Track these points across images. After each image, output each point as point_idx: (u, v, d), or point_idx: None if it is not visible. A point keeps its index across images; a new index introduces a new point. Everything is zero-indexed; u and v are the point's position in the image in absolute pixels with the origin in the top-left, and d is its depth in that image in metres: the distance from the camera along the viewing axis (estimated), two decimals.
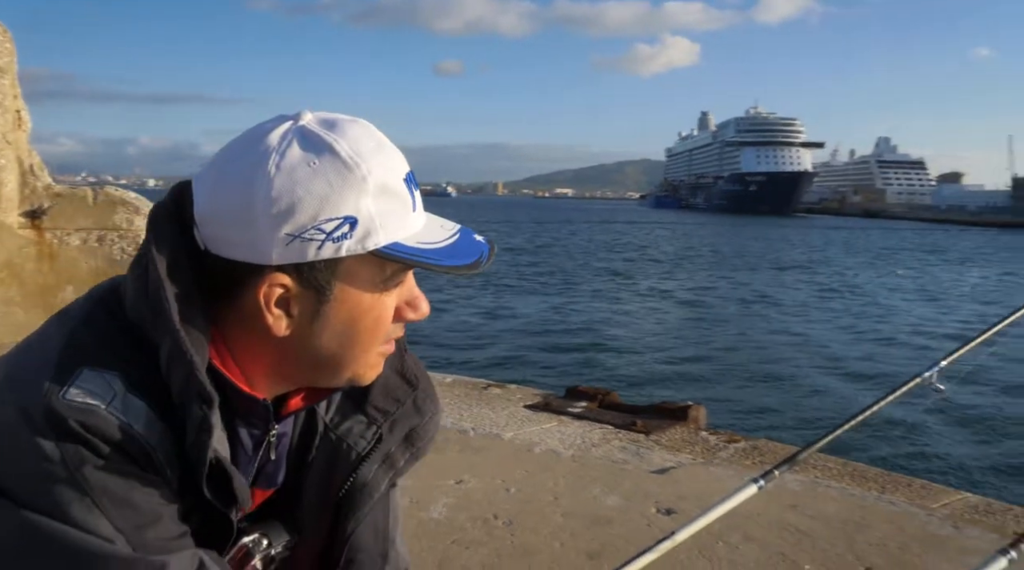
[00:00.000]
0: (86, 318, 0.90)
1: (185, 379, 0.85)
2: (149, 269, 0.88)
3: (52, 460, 0.80)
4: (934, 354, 2.21)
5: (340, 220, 0.86)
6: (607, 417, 5.13)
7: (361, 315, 0.93)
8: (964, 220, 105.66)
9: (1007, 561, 1.45)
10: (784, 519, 3.34)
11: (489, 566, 2.83)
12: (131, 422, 0.83)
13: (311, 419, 1.06)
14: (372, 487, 1.06)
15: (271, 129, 0.88)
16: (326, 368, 0.95)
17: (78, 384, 0.83)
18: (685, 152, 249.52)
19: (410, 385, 1.10)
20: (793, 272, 32.86)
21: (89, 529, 0.81)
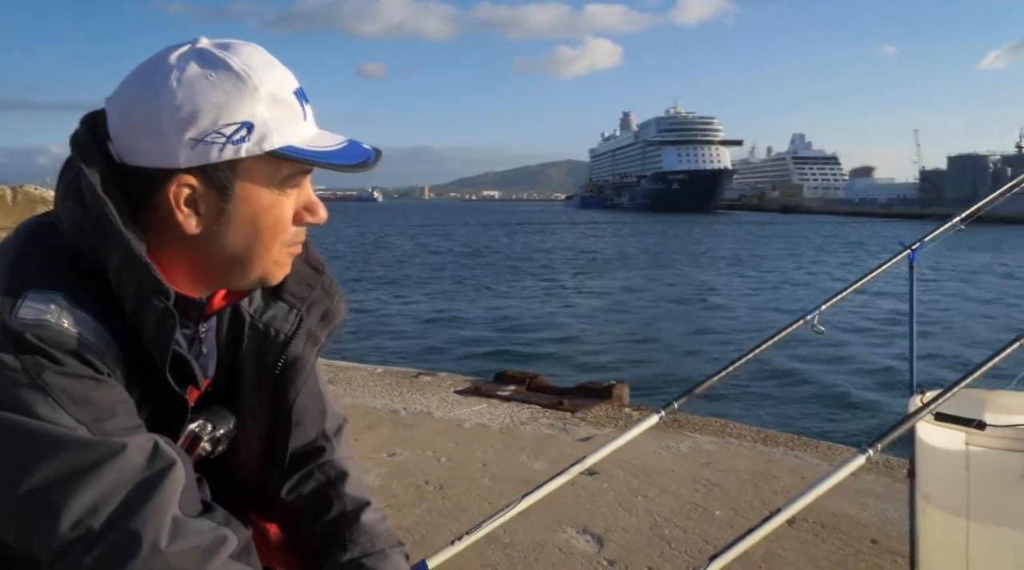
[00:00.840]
0: (20, 250, 0.99)
1: (139, 281, 0.96)
2: (84, 190, 0.97)
3: (14, 369, 0.90)
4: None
5: (238, 125, 0.97)
6: (535, 398, 5.31)
7: (262, 213, 1.03)
8: (876, 212, 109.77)
9: (865, 459, 1.66)
10: (698, 474, 3.58)
11: (422, 524, 2.98)
12: (79, 331, 0.94)
13: (237, 313, 1.19)
14: (303, 361, 1.20)
15: (171, 51, 0.99)
16: (236, 266, 1.06)
17: (26, 305, 0.92)
18: (608, 152, 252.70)
19: (317, 272, 1.24)
20: (713, 265, 33.79)
21: (54, 422, 0.90)
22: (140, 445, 0.94)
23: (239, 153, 0.98)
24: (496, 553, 2.76)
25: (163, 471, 0.94)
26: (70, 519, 0.88)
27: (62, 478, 0.89)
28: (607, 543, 2.86)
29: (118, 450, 0.92)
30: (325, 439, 1.32)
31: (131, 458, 0.93)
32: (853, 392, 10.28)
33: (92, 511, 0.89)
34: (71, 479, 0.89)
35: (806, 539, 2.88)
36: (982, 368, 1.81)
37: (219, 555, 0.95)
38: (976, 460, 2.18)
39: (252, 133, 0.98)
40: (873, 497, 3.26)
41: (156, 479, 0.93)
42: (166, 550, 0.90)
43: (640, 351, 14.14)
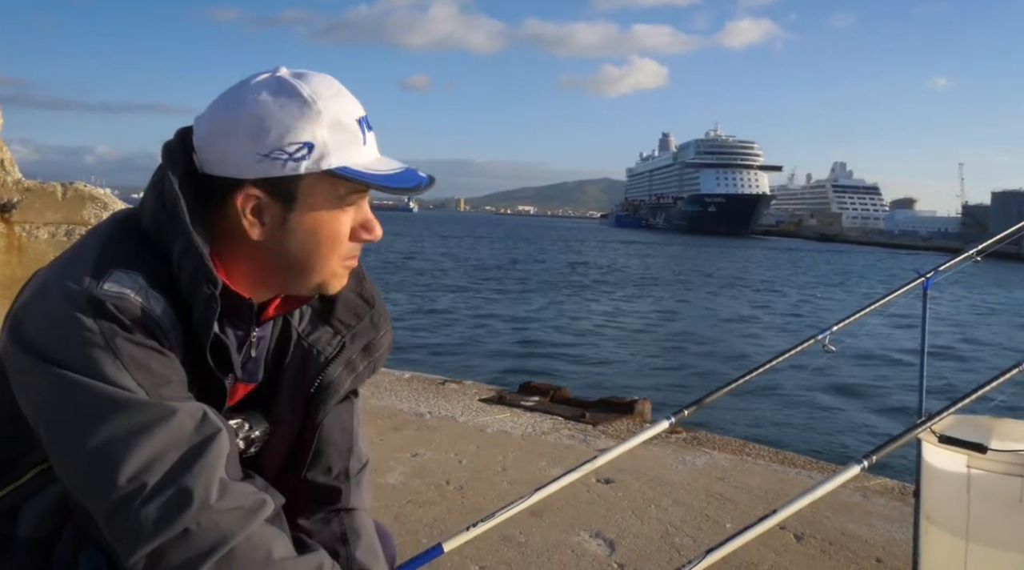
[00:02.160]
0: (112, 233, 1.14)
1: (195, 268, 1.09)
2: (165, 186, 1.12)
3: (92, 331, 1.02)
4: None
5: (300, 145, 1.10)
6: (557, 410, 5.40)
7: (320, 226, 1.15)
8: (915, 245, 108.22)
9: (859, 469, 1.75)
10: (711, 488, 3.66)
11: (441, 520, 3.10)
12: (152, 308, 1.08)
13: (287, 329, 1.31)
14: (337, 385, 1.30)
15: (254, 77, 1.14)
16: (295, 273, 1.18)
17: (112, 279, 1.06)
18: (646, 173, 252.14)
19: (368, 304, 1.35)
20: (744, 290, 33.60)
21: (117, 383, 1.01)
22: (191, 411, 1.06)
23: (299, 169, 1.10)
24: (511, 551, 2.87)
25: (212, 436, 1.05)
26: (127, 474, 0.98)
27: (121, 436, 1.00)
28: (619, 548, 2.96)
29: (172, 413, 1.04)
30: (346, 479, 1.38)
31: (183, 421, 1.04)
32: (867, 416, 10.35)
33: (147, 467, 0.99)
34: (129, 437, 1.00)
35: (813, 555, 2.95)
36: (981, 390, 1.90)
37: (259, 516, 1.06)
38: (977, 482, 2.25)
39: (312, 153, 1.10)
40: (882, 519, 3.32)
41: (206, 442, 1.04)
42: (214, 506, 1.01)
43: (665, 370, 14.20)
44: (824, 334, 2.41)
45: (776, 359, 2.34)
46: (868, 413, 10.75)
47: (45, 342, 1.03)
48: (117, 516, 1.00)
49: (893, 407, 10.94)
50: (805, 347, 2.39)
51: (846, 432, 9.59)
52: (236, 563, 1.01)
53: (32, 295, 1.09)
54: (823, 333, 2.41)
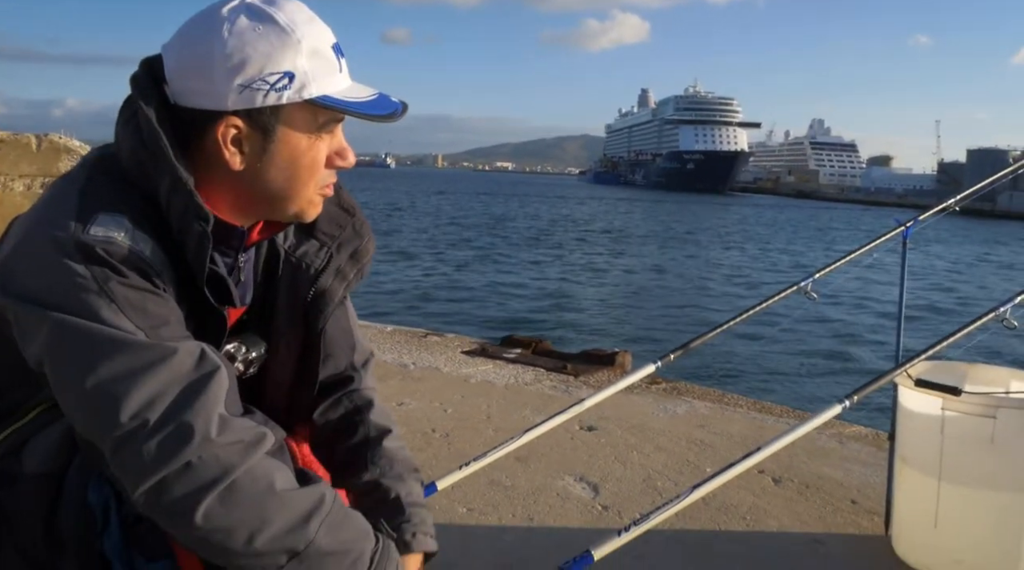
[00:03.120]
0: (90, 176, 1.14)
1: (185, 204, 1.10)
2: (141, 122, 1.10)
3: (84, 277, 1.03)
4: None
5: (281, 74, 1.10)
6: (539, 362, 5.45)
7: (300, 155, 1.16)
8: (891, 202, 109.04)
9: (841, 408, 1.81)
10: (692, 435, 3.74)
11: (428, 466, 3.15)
12: (141, 249, 1.08)
13: (272, 248, 1.33)
14: (331, 293, 1.34)
15: (222, 4, 1.12)
16: (274, 201, 1.20)
17: (97, 223, 1.06)
18: (625, 129, 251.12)
19: (349, 214, 1.37)
20: (721, 246, 33.84)
21: (116, 326, 1.03)
22: (190, 350, 1.07)
23: (281, 99, 1.11)
24: (497, 494, 2.94)
25: (211, 373, 1.07)
26: (129, 411, 1.01)
27: (123, 375, 1.02)
28: (602, 491, 3.03)
29: (172, 352, 1.05)
30: (353, 370, 1.45)
31: (183, 360, 1.06)
32: (846, 363, 10.59)
33: (149, 405, 1.01)
34: (131, 376, 1.02)
35: (790, 497, 3.04)
36: (956, 335, 1.96)
37: (259, 450, 1.08)
38: (951, 424, 2.33)
39: (293, 82, 1.11)
40: (857, 463, 3.42)
41: (205, 379, 1.06)
42: (215, 440, 1.03)
43: (645, 322, 14.35)
44: (806, 281, 2.46)
45: (760, 305, 2.40)
46: (848, 360, 10.99)
47: (39, 290, 1.04)
48: (121, 452, 1.02)
49: (872, 354, 11.18)
50: (788, 294, 2.45)
51: (827, 378, 9.79)
52: (238, 495, 1.03)
53: (17, 244, 1.09)
54: (805, 280, 2.46)
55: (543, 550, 2.54)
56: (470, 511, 2.80)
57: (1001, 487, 2.34)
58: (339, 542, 1.10)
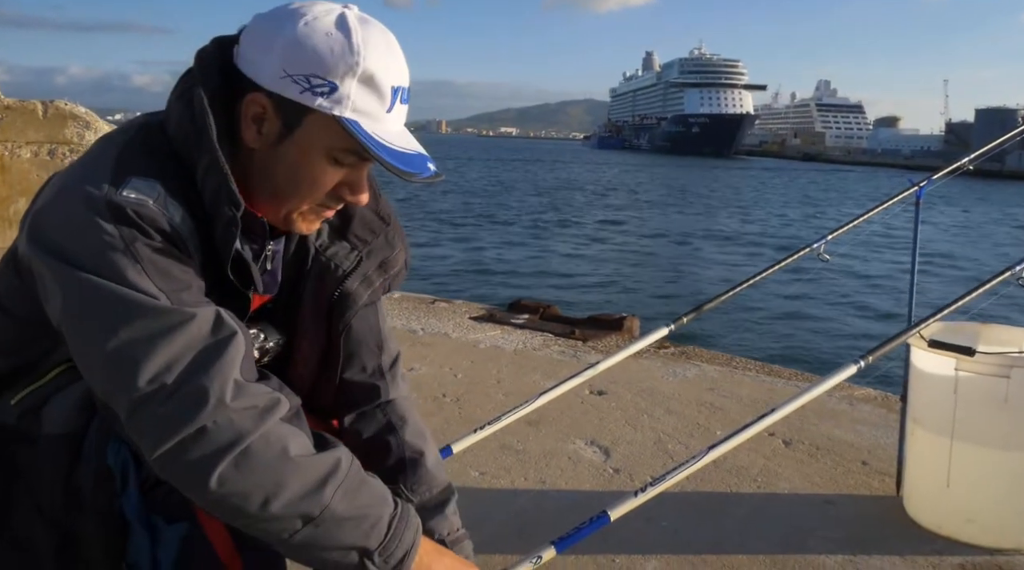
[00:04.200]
0: (130, 142, 1.14)
1: (218, 186, 1.11)
2: (195, 100, 1.12)
3: (113, 236, 1.04)
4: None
5: (324, 82, 1.10)
6: (547, 327, 5.45)
7: (306, 164, 1.16)
8: (898, 163, 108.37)
9: (856, 368, 1.80)
10: (702, 398, 3.75)
11: (440, 431, 3.16)
12: (172, 215, 1.09)
13: (304, 243, 1.33)
14: (355, 297, 1.34)
15: (323, 4, 1.14)
16: (271, 196, 1.19)
17: (131, 186, 1.07)
18: (629, 93, 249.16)
19: (384, 222, 1.38)
20: (728, 209, 33.71)
21: (139, 288, 1.04)
22: (208, 316, 1.08)
23: (313, 103, 1.11)
24: (509, 458, 2.95)
25: (227, 338, 1.07)
26: (146, 375, 1.01)
27: (141, 339, 1.03)
28: (613, 454, 3.05)
29: (191, 317, 1.06)
30: (380, 375, 1.44)
31: (200, 325, 1.06)
32: (859, 324, 10.55)
33: (166, 369, 1.02)
34: (149, 340, 1.03)
35: (801, 459, 3.05)
36: (972, 293, 1.94)
37: (274, 415, 1.08)
38: (964, 385, 2.33)
39: (332, 94, 1.11)
40: (868, 425, 3.42)
41: (221, 344, 1.07)
42: (230, 405, 1.03)
43: (652, 287, 14.35)
44: (819, 243, 2.44)
45: (773, 267, 2.38)
46: (860, 321, 10.95)
47: (66, 246, 1.05)
48: (137, 415, 1.02)
49: (885, 317, 11.15)
50: (801, 255, 2.43)
51: (839, 340, 9.77)
52: (252, 460, 1.03)
53: (51, 199, 1.10)
54: (818, 242, 2.45)
55: (556, 512, 2.56)
56: (483, 475, 2.82)
57: (1014, 447, 2.35)
58: (355, 507, 1.10)
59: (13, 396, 1.20)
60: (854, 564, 2.28)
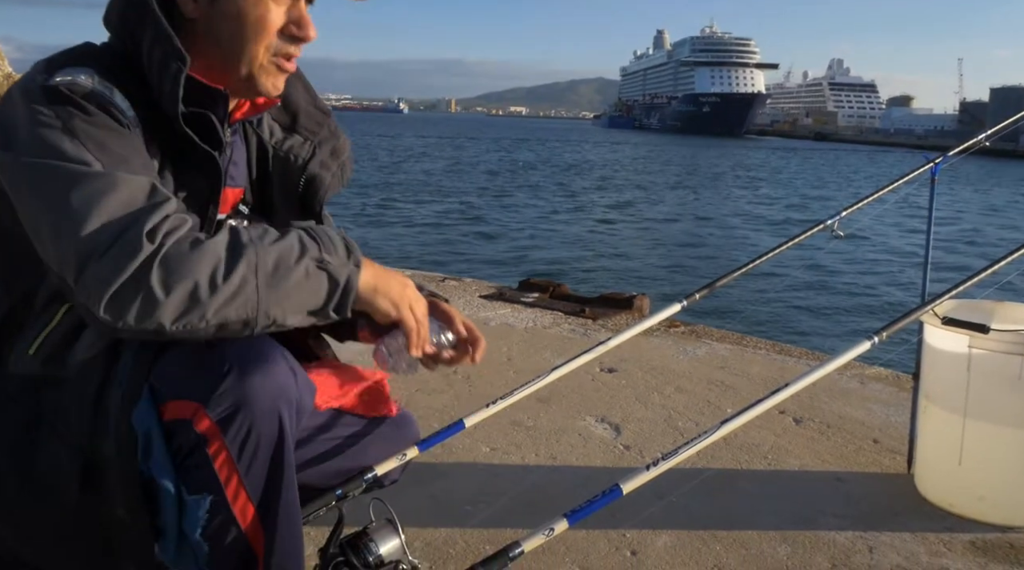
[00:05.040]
0: (65, 49, 1.23)
1: (164, 51, 1.17)
2: None
3: (49, 116, 1.11)
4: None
5: None
6: (557, 306, 5.45)
7: (247, 9, 1.22)
8: (911, 143, 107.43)
9: (870, 344, 1.79)
10: (712, 376, 3.75)
11: (451, 407, 3.18)
12: (104, 90, 1.16)
13: (261, 145, 1.45)
14: (320, 181, 1.47)
15: None
16: (228, 60, 1.26)
17: (63, 72, 1.15)
18: (640, 71, 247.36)
19: (325, 114, 1.50)
20: (738, 188, 33.54)
21: (77, 159, 1.10)
22: (143, 182, 1.13)
23: None
24: (520, 434, 2.96)
25: (161, 202, 1.11)
26: (87, 235, 1.06)
27: (82, 205, 1.07)
28: (624, 431, 3.05)
29: (126, 182, 1.11)
30: None
31: (135, 189, 1.11)
32: (870, 301, 10.48)
33: (103, 228, 1.06)
34: (88, 204, 1.07)
35: (812, 436, 3.05)
36: (987, 271, 1.92)
37: (180, 228, 1.11)
38: (977, 362, 2.32)
39: None
40: (879, 404, 3.41)
41: (154, 205, 1.11)
42: (164, 243, 1.07)
43: (663, 266, 14.32)
44: (833, 219, 2.42)
45: (786, 244, 2.36)
46: (874, 298, 10.87)
47: (10, 135, 1.13)
48: (82, 274, 1.06)
49: (899, 294, 11.07)
50: (815, 232, 2.41)
51: (852, 317, 9.71)
52: (172, 261, 1.06)
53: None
54: (832, 218, 2.42)
55: (567, 488, 2.57)
56: (493, 450, 2.83)
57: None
58: (274, 239, 1.15)
59: (28, 345, 1.21)
60: (865, 541, 2.29)
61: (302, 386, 1.23)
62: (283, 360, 1.20)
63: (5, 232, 1.20)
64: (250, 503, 1.18)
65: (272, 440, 1.18)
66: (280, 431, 1.18)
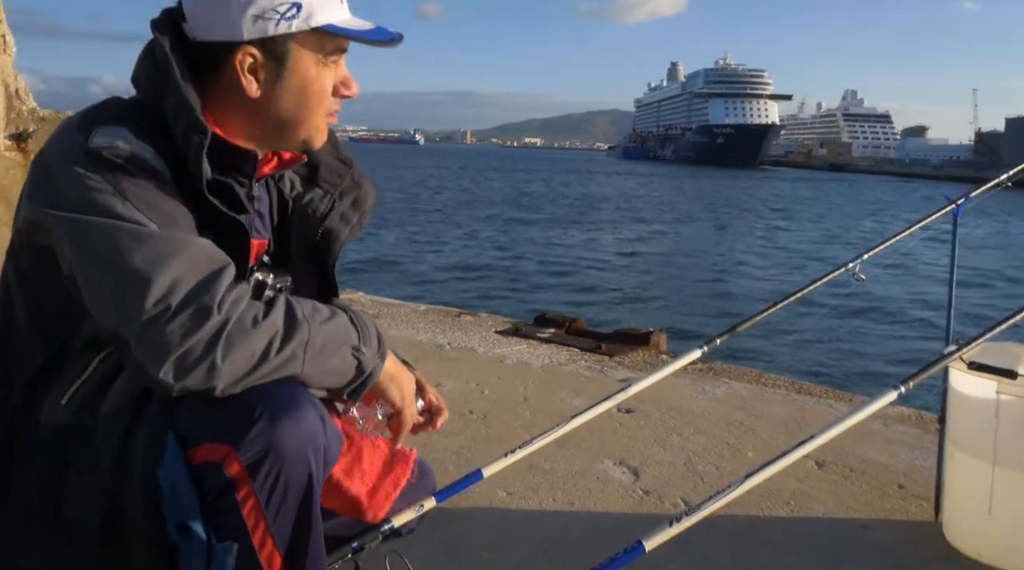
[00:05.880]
0: (95, 104, 1.25)
1: (187, 120, 1.19)
2: (156, 50, 1.23)
3: (98, 180, 1.13)
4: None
5: (289, 5, 1.22)
6: (574, 342, 5.41)
7: (310, 82, 1.29)
8: (927, 174, 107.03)
9: (896, 394, 1.75)
10: (732, 417, 3.69)
11: (467, 448, 3.14)
12: (143, 154, 1.17)
13: (282, 199, 1.48)
14: (336, 234, 1.50)
15: None
16: (286, 127, 1.31)
17: (98, 134, 1.16)
18: (654, 103, 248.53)
19: (347, 165, 1.52)
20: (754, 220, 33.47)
21: (132, 220, 1.13)
22: (204, 242, 1.18)
23: (291, 28, 1.23)
24: (537, 478, 2.91)
25: (224, 266, 1.17)
26: (153, 298, 1.09)
27: (143, 265, 1.10)
28: (643, 475, 3.00)
29: (187, 242, 1.15)
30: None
31: (198, 250, 1.15)
32: (891, 344, 10.33)
33: (170, 291, 1.10)
34: (150, 265, 1.10)
35: (835, 481, 2.98)
36: (1017, 316, 1.88)
37: (241, 300, 1.16)
38: (1006, 408, 2.26)
39: (300, 11, 1.23)
40: (903, 446, 3.35)
41: (219, 270, 1.15)
42: (230, 316, 1.13)
43: (679, 299, 14.23)
44: (855, 262, 2.39)
45: (807, 288, 2.33)
46: (895, 341, 10.70)
47: (56, 195, 1.15)
48: (147, 334, 1.09)
49: (921, 336, 10.87)
50: (836, 276, 2.38)
51: (871, 357, 9.57)
52: (234, 336, 1.12)
53: (33, 170, 1.21)
54: (853, 261, 2.39)
55: (586, 535, 2.52)
56: (510, 495, 2.78)
57: None
58: (324, 320, 1.23)
59: (62, 395, 1.22)
60: None
61: (330, 435, 1.23)
62: (312, 407, 1.20)
63: (39, 285, 1.23)
64: (277, 552, 1.18)
65: (300, 487, 1.18)
66: (309, 478, 1.18)
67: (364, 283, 11.24)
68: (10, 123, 5.26)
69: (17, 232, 1.24)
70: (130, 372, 1.16)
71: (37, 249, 1.20)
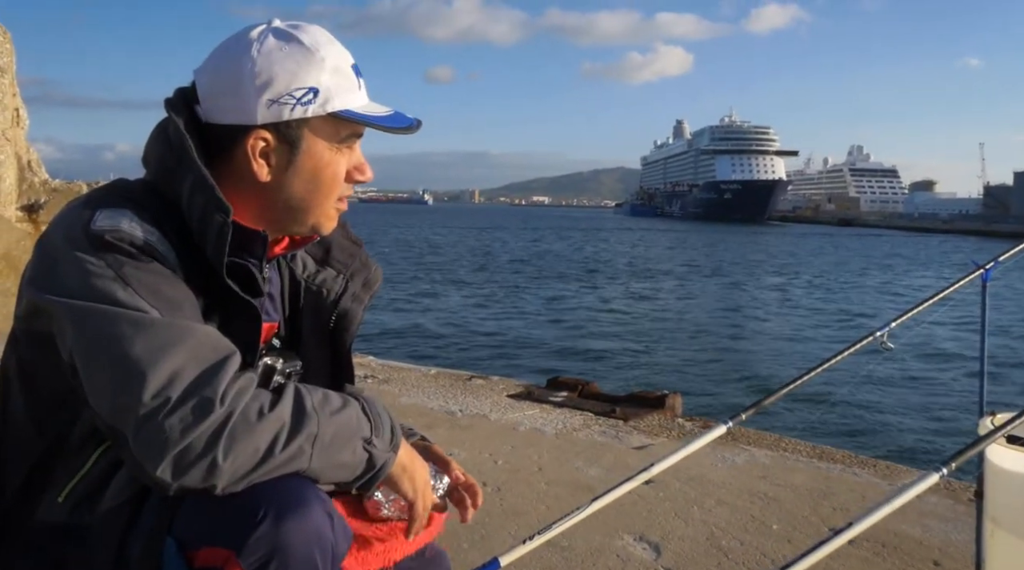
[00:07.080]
0: (97, 189, 1.21)
1: (206, 200, 1.15)
2: (170, 131, 1.19)
3: (99, 265, 1.09)
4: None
5: (306, 90, 1.19)
6: (587, 405, 5.31)
7: (323, 167, 1.24)
8: (936, 228, 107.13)
9: (938, 477, 1.65)
10: (754, 487, 3.56)
11: (481, 524, 3.02)
12: (147, 235, 1.13)
13: (293, 278, 1.43)
14: (351, 315, 1.45)
15: (251, 28, 1.22)
16: (296, 212, 1.27)
17: (100, 216, 1.12)
18: (660, 160, 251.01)
19: (357, 245, 1.49)
20: (766, 276, 33.38)
21: (133, 307, 1.07)
22: (207, 330, 1.12)
23: (307, 113, 1.20)
24: (555, 556, 2.79)
25: (228, 356, 1.10)
26: (152, 389, 1.03)
27: (143, 354, 1.05)
28: (664, 551, 2.88)
29: (189, 331, 1.09)
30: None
31: (200, 339, 1.09)
32: (917, 412, 10.06)
33: (169, 382, 1.04)
34: (150, 355, 1.05)
35: (866, 557, 2.85)
36: None
37: (246, 391, 1.10)
38: None
39: (317, 97, 1.20)
40: (936, 519, 3.21)
41: (222, 360, 1.09)
42: (233, 408, 1.06)
43: (693, 360, 14.06)
44: (883, 331, 2.30)
45: (834, 358, 2.25)
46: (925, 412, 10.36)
47: (55, 280, 1.10)
48: (144, 428, 1.03)
49: (952, 405, 10.52)
50: (863, 345, 2.29)
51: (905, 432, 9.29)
52: (238, 430, 1.06)
53: (36, 253, 1.18)
54: (881, 329, 2.31)
55: None
56: None
57: None
58: (335, 411, 1.16)
59: (59, 491, 1.16)
60: None
61: (338, 532, 1.16)
62: (319, 503, 1.14)
63: (38, 372, 1.18)
64: None
65: None
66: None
67: (373, 346, 11.18)
68: (22, 194, 5.30)
69: (17, 320, 1.19)
70: (128, 468, 1.10)
71: (38, 336, 1.15)
